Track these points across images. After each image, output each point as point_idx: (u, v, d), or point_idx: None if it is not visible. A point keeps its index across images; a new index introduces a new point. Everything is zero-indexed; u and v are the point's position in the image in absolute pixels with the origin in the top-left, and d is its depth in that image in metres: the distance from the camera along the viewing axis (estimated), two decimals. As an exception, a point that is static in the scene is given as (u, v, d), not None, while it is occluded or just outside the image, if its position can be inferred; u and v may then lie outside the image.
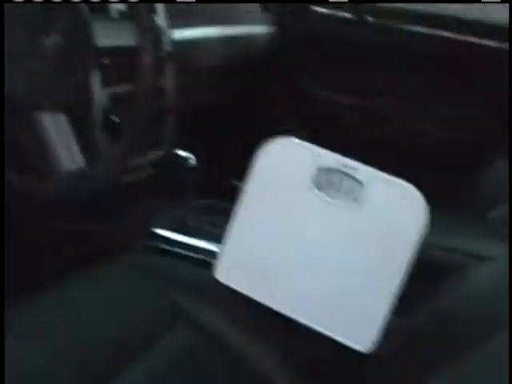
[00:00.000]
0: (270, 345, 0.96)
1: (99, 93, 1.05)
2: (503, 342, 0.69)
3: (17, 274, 0.98)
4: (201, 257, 1.19)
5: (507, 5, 1.67)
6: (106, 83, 1.07)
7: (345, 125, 2.02)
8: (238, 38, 1.74)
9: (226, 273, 0.98)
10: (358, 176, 0.90)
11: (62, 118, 0.92)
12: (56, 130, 0.91)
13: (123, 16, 1.06)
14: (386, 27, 1.86)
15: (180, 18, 1.41)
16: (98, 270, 1.03)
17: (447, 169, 1.89)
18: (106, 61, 1.02)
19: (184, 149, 1.34)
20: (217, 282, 0.99)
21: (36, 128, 0.89)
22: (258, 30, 1.90)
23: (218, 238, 1.17)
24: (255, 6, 1.90)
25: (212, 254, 1.11)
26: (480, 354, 0.70)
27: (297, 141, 0.94)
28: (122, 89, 1.11)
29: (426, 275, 0.93)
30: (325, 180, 0.91)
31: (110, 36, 1.00)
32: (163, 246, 1.22)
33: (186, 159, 1.29)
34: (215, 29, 1.60)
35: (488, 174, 1.71)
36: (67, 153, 0.93)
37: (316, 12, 1.94)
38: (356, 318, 0.91)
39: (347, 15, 1.89)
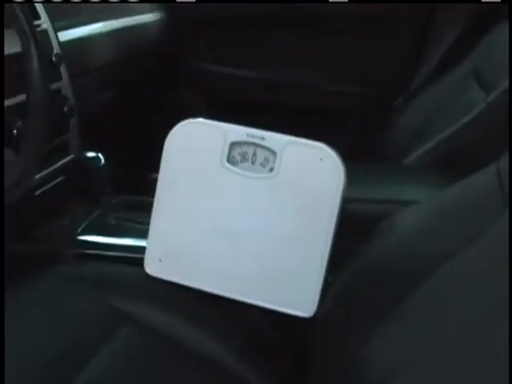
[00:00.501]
0: (214, 329, 0.97)
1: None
2: (435, 283, 0.72)
3: None
4: (129, 255, 1.19)
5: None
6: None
7: (253, 98, 2.03)
8: (126, 30, 1.73)
9: (155, 265, 1.00)
10: (268, 145, 0.91)
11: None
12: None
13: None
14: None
15: (64, 19, 1.39)
16: (31, 285, 1.02)
17: (358, 124, 1.94)
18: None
19: (91, 150, 1.33)
20: (148, 276, 1.00)
21: None
22: (147, 18, 1.90)
23: (141, 234, 1.19)
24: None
25: (139, 249, 1.12)
26: (415, 298, 0.73)
27: (204, 120, 0.95)
28: (17, 100, 1.10)
29: (354, 229, 0.96)
30: (238, 154, 0.93)
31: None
32: (90, 251, 1.21)
33: (95, 159, 1.28)
34: (102, 24, 1.58)
35: (396, 122, 1.76)
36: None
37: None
38: (293, 285, 0.93)
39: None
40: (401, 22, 1.84)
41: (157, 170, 0.99)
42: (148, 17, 1.90)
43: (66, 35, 1.37)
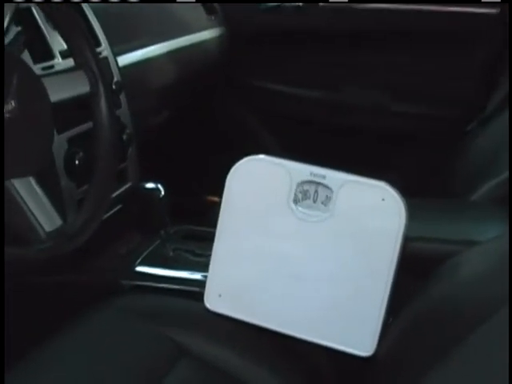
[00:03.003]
0: (272, 366, 1.07)
1: (57, 140, 1.15)
2: (496, 325, 0.80)
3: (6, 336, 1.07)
4: (186, 288, 1.28)
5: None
6: (61, 129, 1.17)
7: (314, 120, 2.13)
8: (185, 49, 1.84)
9: (215, 300, 1.09)
10: (329, 183, 1.00)
11: (31, 182, 1.02)
12: (28, 194, 1.01)
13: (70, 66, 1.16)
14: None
15: (123, 43, 1.51)
16: (88, 317, 1.12)
17: (423, 154, 2.00)
18: (61, 113, 1.12)
19: (149, 177, 1.43)
20: (208, 310, 1.10)
21: (10, 198, 0.99)
22: (207, 34, 2.01)
23: (199, 266, 1.29)
24: (199, 11, 2.00)
25: (197, 283, 1.22)
26: (475, 340, 0.81)
27: (267, 158, 1.05)
28: (79, 130, 1.22)
29: (415, 269, 1.04)
30: (299, 192, 1.02)
31: (62, 89, 1.11)
32: (147, 283, 1.32)
33: (154, 190, 1.37)
34: (161, 45, 1.70)
35: (467, 149, 1.82)
36: (44, 215, 1.03)
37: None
38: (353, 324, 1.02)
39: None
40: (476, 41, 1.92)
41: (216, 194, 1.08)
42: (207, 34, 2.01)
43: (125, 59, 1.49)
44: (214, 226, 1.09)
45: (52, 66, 1.19)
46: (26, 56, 1.11)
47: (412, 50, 1.96)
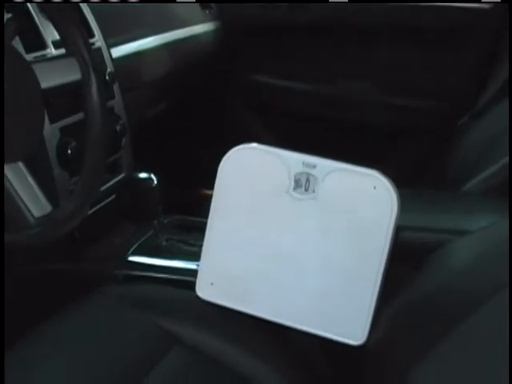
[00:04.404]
0: (263, 354, 1.06)
1: (49, 130, 1.14)
2: (486, 316, 0.79)
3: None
4: (178, 277, 1.28)
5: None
6: (53, 119, 1.16)
7: (307, 114, 2.12)
8: (179, 42, 1.83)
9: (207, 289, 1.09)
10: (321, 172, 1.00)
11: (21, 167, 1.01)
12: (18, 180, 1.00)
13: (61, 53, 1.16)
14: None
15: (117, 34, 1.50)
16: (80, 305, 1.11)
17: (415, 147, 2.00)
18: (52, 99, 1.11)
19: (143, 168, 1.43)
20: (200, 299, 1.10)
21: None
22: (201, 28, 2.00)
23: (192, 256, 1.29)
24: (194, 5, 2.00)
25: (190, 272, 1.22)
26: (465, 330, 0.80)
27: (259, 146, 1.05)
28: (72, 120, 1.21)
29: (406, 258, 1.04)
30: (293, 181, 1.01)
31: (53, 76, 1.10)
32: (140, 272, 1.32)
33: (147, 180, 1.37)
34: (155, 38, 1.69)
35: (459, 143, 1.82)
36: (33, 201, 1.02)
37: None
38: (344, 313, 1.02)
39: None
40: (468, 35, 1.91)
41: (208, 186, 1.08)
42: (201, 27, 2.01)
43: (119, 51, 1.49)
44: (207, 216, 1.08)
45: (44, 56, 1.17)
46: (18, 44, 1.10)
47: (404, 44, 1.97)
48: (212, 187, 1.07)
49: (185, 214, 1.53)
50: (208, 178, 1.09)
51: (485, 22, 1.89)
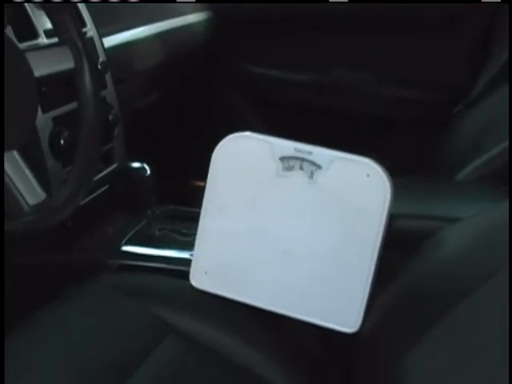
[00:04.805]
0: (258, 343, 1.06)
1: (42, 119, 1.14)
2: (478, 301, 0.80)
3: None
4: (172, 266, 1.28)
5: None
6: (46, 108, 1.16)
7: (301, 103, 2.12)
8: (172, 32, 1.83)
9: (201, 278, 1.09)
10: (315, 159, 1.00)
11: (15, 156, 1.01)
12: (12, 169, 1.00)
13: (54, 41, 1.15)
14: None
15: (109, 24, 1.50)
16: (74, 295, 1.11)
17: (409, 136, 2.00)
18: (45, 89, 1.11)
19: (136, 158, 1.42)
20: (194, 288, 1.10)
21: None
22: (194, 18, 2.00)
23: (185, 245, 1.29)
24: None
25: (184, 261, 1.22)
26: (458, 315, 0.81)
27: (251, 134, 1.05)
28: (64, 110, 1.21)
29: (399, 246, 1.04)
30: (286, 169, 1.01)
31: (46, 65, 1.10)
32: (133, 262, 1.31)
33: (140, 170, 1.36)
34: (147, 27, 1.69)
35: (454, 131, 1.82)
36: (27, 189, 1.02)
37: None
38: (338, 301, 1.02)
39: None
40: (462, 24, 1.91)
41: (202, 177, 1.08)
42: (194, 17, 2.00)
43: (111, 41, 1.49)
44: (200, 206, 1.08)
45: (36, 45, 1.17)
46: (10, 33, 1.09)
47: (398, 33, 1.96)
48: (205, 177, 1.07)
49: (178, 203, 1.53)
50: (201, 168, 1.08)
51: (478, 11, 1.89)
